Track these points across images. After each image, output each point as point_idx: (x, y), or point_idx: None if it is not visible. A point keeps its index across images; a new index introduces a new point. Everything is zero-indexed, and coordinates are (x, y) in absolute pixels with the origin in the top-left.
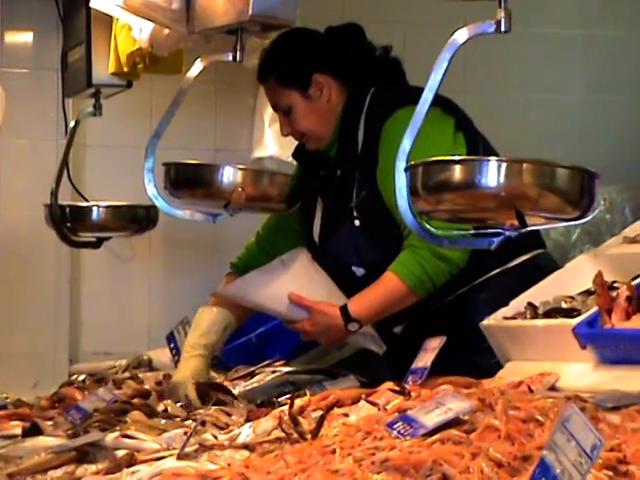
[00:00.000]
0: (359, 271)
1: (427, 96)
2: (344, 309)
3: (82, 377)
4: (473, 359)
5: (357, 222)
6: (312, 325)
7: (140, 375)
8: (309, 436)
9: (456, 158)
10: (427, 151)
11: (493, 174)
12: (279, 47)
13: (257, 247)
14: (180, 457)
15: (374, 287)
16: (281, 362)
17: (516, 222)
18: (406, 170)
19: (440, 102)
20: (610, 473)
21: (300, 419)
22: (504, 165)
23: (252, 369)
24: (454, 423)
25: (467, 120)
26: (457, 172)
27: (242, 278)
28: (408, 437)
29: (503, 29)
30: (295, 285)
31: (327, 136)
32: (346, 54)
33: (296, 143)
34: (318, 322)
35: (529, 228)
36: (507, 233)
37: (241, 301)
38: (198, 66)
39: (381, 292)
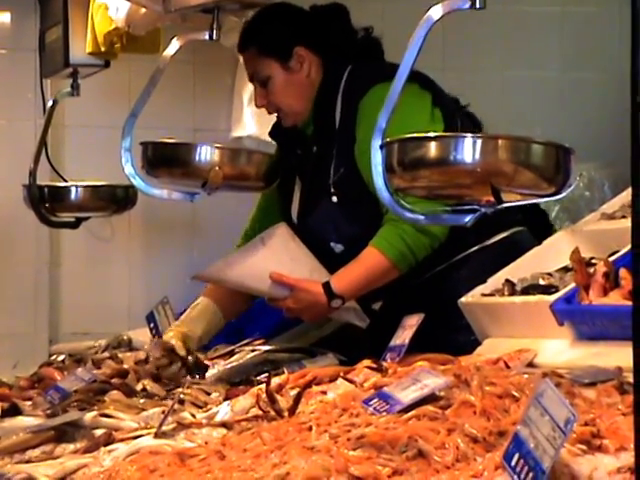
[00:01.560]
0: (338, 247)
1: (402, 73)
2: (327, 286)
3: (61, 357)
4: (452, 336)
5: (335, 198)
6: (295, 303)
7: (120, 355)
8: (286, 414)
9: (431, 135)
10: (405, 127)
11: (468, 150)
12: (263, 18)
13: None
14: (157, 435)
15: (356, 262)
16: (260, 341)
17: (492, 198)
18: (381, 147)
19: (417, 78)
20: (584, 447)
21: (278, 397)
22: (479, 141)
23: (231, 348)
24: (430, 399)
25: (444, 96)
26: (432, 149)
27: (223, 259)
28: (384, 413)
29: (478, 6)
30: (276, 262)
31: (303, 112)
32: (329, 33)
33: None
34: (301, 299)
35: (505, 204)
36: (483, 210)
37: (223, 282)
38: (175, 45)
39: (364, 267)
